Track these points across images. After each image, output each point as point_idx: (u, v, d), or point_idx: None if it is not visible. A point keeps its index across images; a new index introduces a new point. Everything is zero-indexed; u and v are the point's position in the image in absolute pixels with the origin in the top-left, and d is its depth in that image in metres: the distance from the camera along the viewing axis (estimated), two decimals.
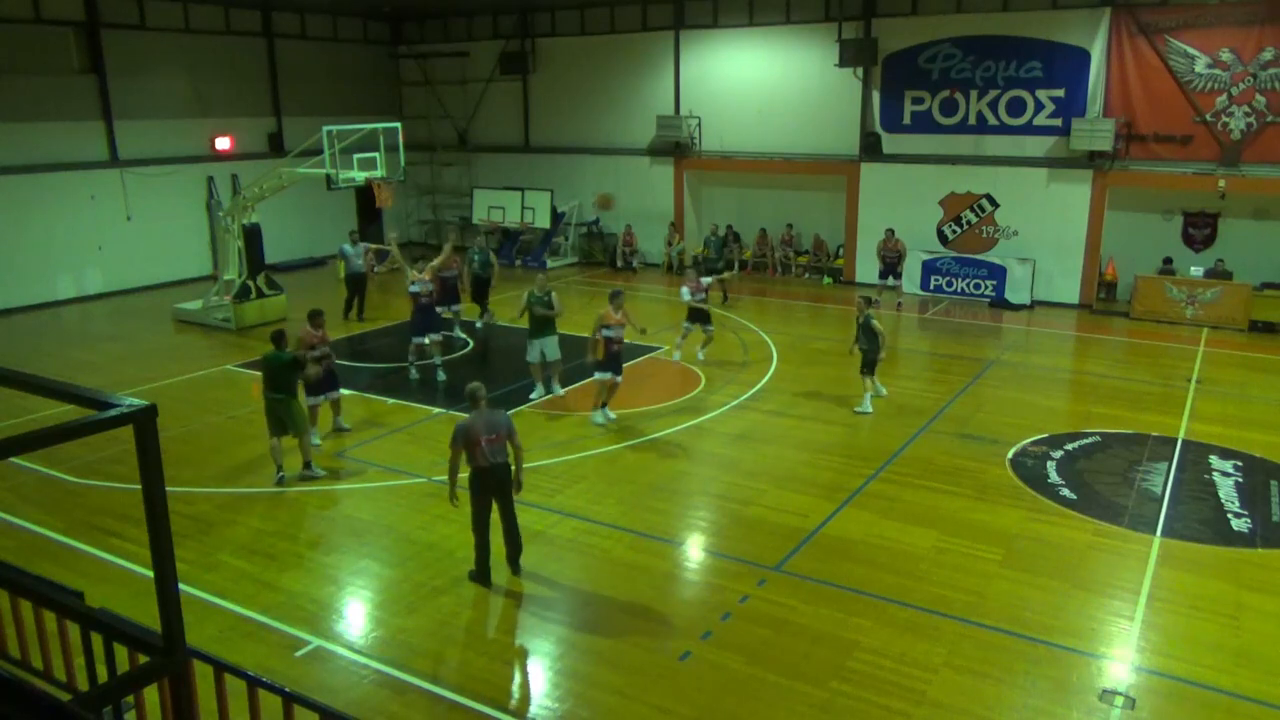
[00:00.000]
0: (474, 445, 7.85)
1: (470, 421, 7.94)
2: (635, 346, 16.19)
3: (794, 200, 23.09)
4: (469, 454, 7.91)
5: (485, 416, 7.97)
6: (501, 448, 7.95)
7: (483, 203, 25.69)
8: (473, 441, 7.84)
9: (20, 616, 5.08)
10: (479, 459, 7.88)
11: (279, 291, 18.46)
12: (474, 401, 8.06)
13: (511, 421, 8.10)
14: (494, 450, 7.89)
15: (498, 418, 8.03)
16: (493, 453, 7.88)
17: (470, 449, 7.87)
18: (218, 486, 10.43)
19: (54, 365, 14.94)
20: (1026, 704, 6.59)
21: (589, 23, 24.42)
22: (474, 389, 8.11)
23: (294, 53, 24.57)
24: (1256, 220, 18.45)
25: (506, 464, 8.02)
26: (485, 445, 7.84)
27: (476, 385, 8.15)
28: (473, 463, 7.91)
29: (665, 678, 6.90)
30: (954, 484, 10.37)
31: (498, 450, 7.92)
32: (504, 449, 7.97)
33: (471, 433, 7.85)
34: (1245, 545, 9.00)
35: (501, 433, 7.93)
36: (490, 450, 7.87)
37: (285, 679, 5.74)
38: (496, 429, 7.92)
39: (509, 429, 8.00)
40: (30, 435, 3.04)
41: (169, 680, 3.84)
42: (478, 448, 7.84)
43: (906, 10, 20.31)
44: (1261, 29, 17.18)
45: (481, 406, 8.02)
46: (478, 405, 8.02)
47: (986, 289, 20.20)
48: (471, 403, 8.08)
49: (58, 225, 20.01)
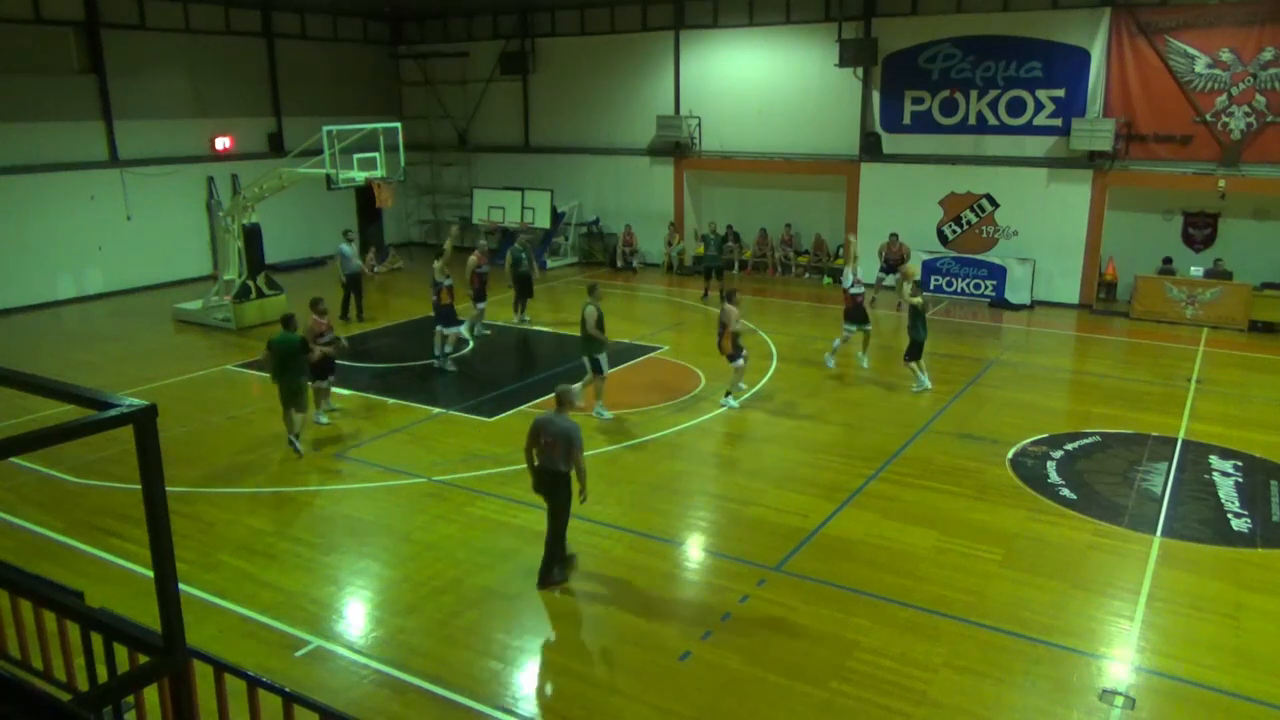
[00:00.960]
0: (533, 442, 7.95)
1: (542, 419, 8.03)
2: (635, 346, 16.21)
3: (794, 200, 23.09)
4: (538, 451, 7.97)
5: (550, 417, 8.00)
6: (558, 455, 7.87)
7: (483, 203, 25.68)
8: (534, 438, 7.94)
9: (20, 616, 5.08)
10: (536, 458, 7.97)
11: (279, 291, 18.46)
12: (557, 402, 8.11)
13: (576, 434, 7.86)
14: (549, 454, 7.89)
15: (561, 425, 7.90)
16: (549, 457, 7.89)
17: (531, 444, 7.97)
18: (218, 486, 10.43)
19: (54, 365, 14.94)
20: (1026, 704, 6.59)
21: (589, 23, 24.43)
22: (562, 390, 8.16)
23: (294, 53, 24.57)
24: (1256, 220, 18.45)
25: (559, 472, 7.94)
26: (543, 444, 7.90)
27: (565, 388, 8.22)
28: (538, 460, 7.99)
29: (665, 678, 6.90)
30: (954, 484, 10.37)
31: (554, 456, 7.88)
32: (560, 457, 7.87)
33: (535, 428, 7.94)
34: (1245, 545, 9.00)
35: (559, 441, 7.83)
36: (548, 453, 7.89)
37: (285, 679, 5.74)
38: (551, 432, 7.88)
39: (568, 440, 7.83)
40: (30, 435, 3.04)
41: (169, 680, 3.84)
42: (537, 445, 7.94)
43: (906, 10, 20.31)
44: (1261, 29, 17.18)
45: (562, 410, 8.03)
46: (559, 408, 8.06)
47: (986, 289, 20.20)
48: (556, 404, 8.11)
49: (58, 225, 20.01)
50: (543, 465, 7.93)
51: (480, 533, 9.26)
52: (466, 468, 10.89)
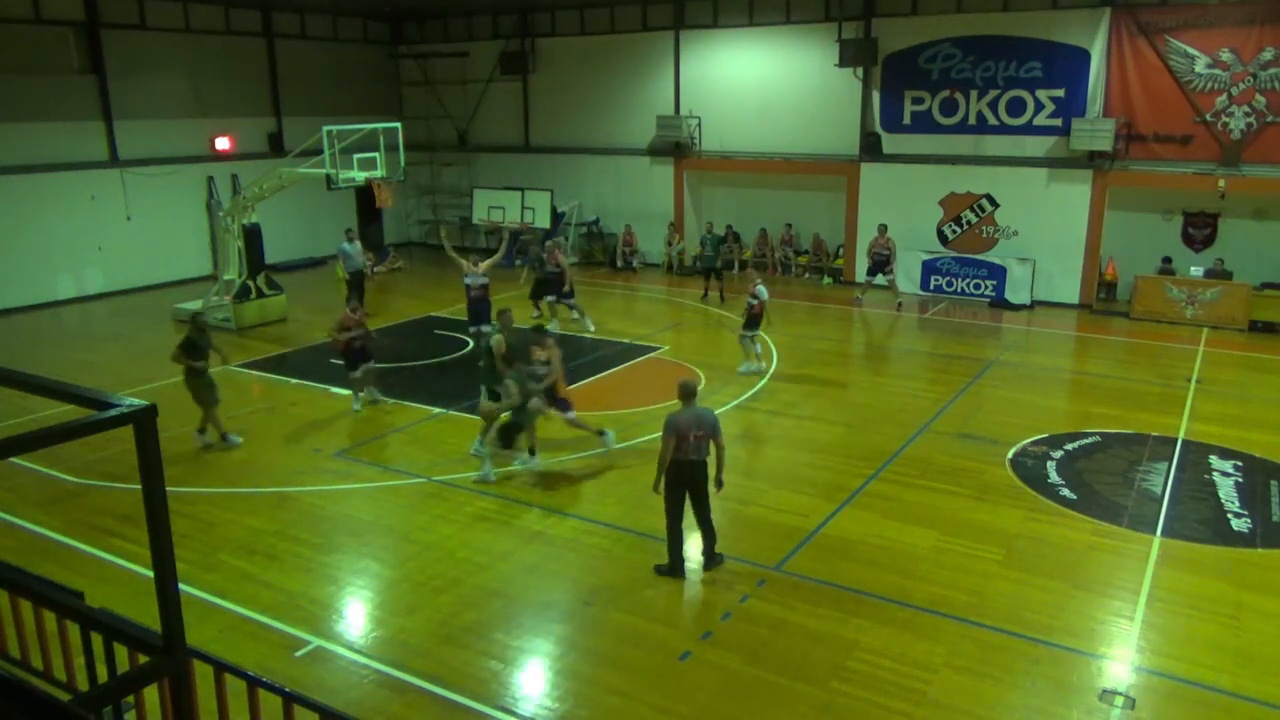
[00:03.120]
0: (683, 440, 7.95)
1: (680, 415, 8.04)
2: (635, 346, 16.21)
3: (794, 200, 23.09)
4: (676, 447, 7.99)
5: (694, 412, 8.07)
6: (705, 445, 8.07)
7: (483, 203, 25.65)
8: (682, 436, 7.94)
9: (20, 616, 5.08)
10: (684, 453, 7.99)
11: (279, 291, 18.47)
12: (686, 397, 8.15)
13: (718, 421, 8.23)
14: (699, 446, 8.02)
15: (706, 415, 8.14)
16: (697, 449, 8.02)
17: (679, 443, 7.97)
18: (218, 486, 10.43)
19: (54, 365, 14.94)
20: (1026, 704, 6.59)
21: (589, 23, 24.42)
22: (687, 384, 8.25)
23: (294, 53, 24.57)
24: (1256, 220, 18.45)
25: (706, 462, 8.13)
26: (693, 440, 7.97)
27: (689, 380, 8.34)
28: (677, 455, 8.00)
29: (665, 678, 6.90)
30: (954, 484, 10.37)
31: (702, 447, 8.05)
32: (707, 446, 8.09)
33: (681, 427, 7.95)
34: (1245, 545, 9.00)
35: (707, 430, 8.04)
36: (696, 446, 8.00)
37: (285, 679, 5.73)
38: (703, 425, 8.03)
39: (714, 427, 8.12)
40: (30, 435, 3.04)
41: (169, 680, 3.84)
42: (686, 442, 7.96)
43: (906, 10, 20.31)
44: (1261, 29, 17.18)
45: (692, 403, 8.12)
46: (689, 401, 8.12)
47: (986, 289, 20.20)
48: (683, 398, 8.16)
49: (58, 225, 20.01)
50: (693, 459, 8.03)
51: (480, 533, 9.26)
52: (466, 468, 10.88)
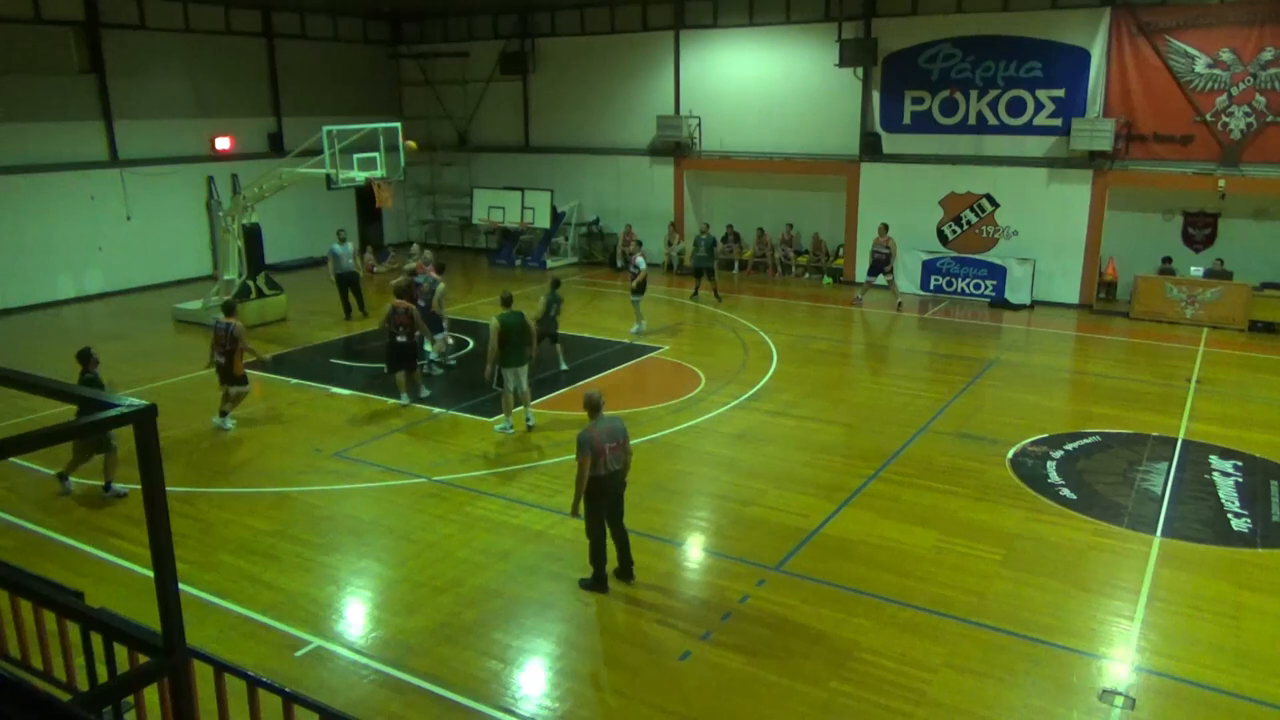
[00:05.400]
0: (599, 454, 7.76)
1: (595, 430, 7.82)
2: (635, 346, 16.22)
3: (794, 200, 23.09)
4: (596, 460, 7.80)
5: (608, 424, 7.91)
6: (621, 455, 7.95)
7: (483, 203, 25.69)
8: (599, 451, 7.75)
9: (20, 616, 5.08)
10: (602, 467, 7.82)
11: (279, 291, 18.47)
12: (595, 410, 7.97)
13: (626, 426, 8.10)
14: (616, 457, 7.88)
15: (618, 425, 7.99)
16: (614, 460, 7.87)
17: (597, 458, 7.78)
18: (218, 486, 10.43)
19: (54, 365, 14.92)
20: (1026, 704, 6.59)
21: (589, 23, 24.43)
22: (595, 397, 8.02)
23: (294, 53, 24.57)
24: (1256, 220, 18.45)
25: (621, 471, 8.02)
26: (609, 452, 7.80)
27: (597, 393, 8.08)
28: (596, 470, 7.80)
29: (665, 678, 6.90)
30: (954, 484, 10.37)
31: (618, 458, 7.91)
32: (623, 456, 7.97)
33: (597, 441, 7.75)
34: (1245, 545, 9.00)
35: (621, 440, 7.92)
36: (614, 457, 7.86)
37: (285, 679, 5.73)
38: (616, 436, 7.88)
39: (626, 434, 8.00)
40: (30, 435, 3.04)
41: (169, 680, 3.83)
42: (603, 456, 7.78)
43: (906, 10, 20.31)
44: (1261, 29, 17.18)
45: (601, 415, 7.96)
46: (598, 413, 7.95)
47: (986, 289, 20.20)
48: (592, 411, 7.97)
49: (58, 225, 20.01)
50: (611, 471, 7.88)
51: (480, 533, 9.26)
52: (466, 468, 10.89)
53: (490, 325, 11.67)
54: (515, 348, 11.74)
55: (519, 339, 11.76)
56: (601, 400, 8.04)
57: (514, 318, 11.76)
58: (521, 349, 11.83)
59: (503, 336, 11.57)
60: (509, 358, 11.72)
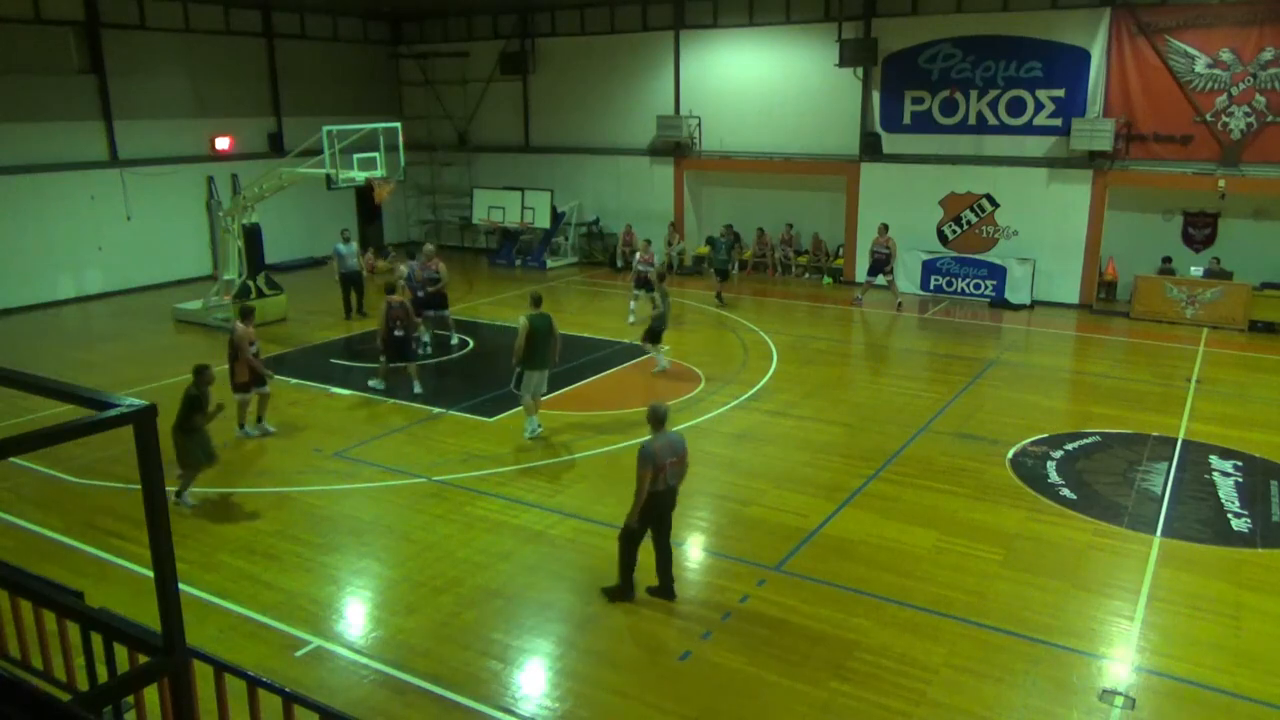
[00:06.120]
0: (659, 469, 7.52)
1: (656, 444, 7.58)
2: (635, 346, 16.20)
3: (794, 200, 23.08)
4: (656, 475, 7.54)
5: (668, 439, 7.69)
6: (680, 471, 7.74)
7: (483, 203, 25.69)
8: (659, 465, 7.51)
9: (20, 616, 5.08)
10: (659, 482, 7.58)
11: (279, 291, 18.47)
12: (658, 422, 7.70)
13: (686, 442, 7.89)
14: (673, 473, 7.67)
15: (678, 440, 7.77)
16: (672, 475, 7.66)
17: (656, 473, 7.53)
18: (218, 486, 10.43)
19: (54, 365, 14.94)
20: (1026, 704, 6.59)
21: (589, 23, 24.42)
22: (659, 410, 7.75)
23: (294, 53, 24.56)
24: (1256, 220, 18.45)
25: (676, 488, 7.81)
26: (668, 468, 7.59)
27: (663, 406, 7.81)
28: (652, 485, 7.56)
29: (665, 678, 6.90)
30: (954, 484, 10.37)
31: (676, 473, 7.70)
32: (681, 472, 7.77)
33: (659, 456, 7.51)
34: (1245, 545, 9.00)
35: (681, 454, 7.70)
36: (672, 473, 7.64)
37: (285, 679, 5.73)
38: (677, 451, 7.66)
39: (685, 450, 7.79)
40: (30, 435, 3.04)
41: (169, 680, 3.84)
42: (662, 471, 7.55)
43: (906, 10, 20.31)
44: (1261, 29, 17.18)
45: (664, 429, 7.72)
46: (661, 427, 7.70)
47: (986, 289, 20.20)
48: (655, 424, 7.70)
49: (58, 225, 20.01)
50: (669, 487, 7.69)
51: (480, 533, 9.26)
52: (466, 468, 10.89)
53: (518, 325, 11.45)
54: (541, 350, 11.49)
55: (545, 341, 11.51)
56: (666, 413, 7.79)
57: (543, 320, 11.48)
58: (546, 352, 11.56)
59: (529, 337, 11.35)
60: (533, 359, 11.47)
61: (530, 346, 11.39)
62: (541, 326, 11.45)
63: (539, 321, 11.44)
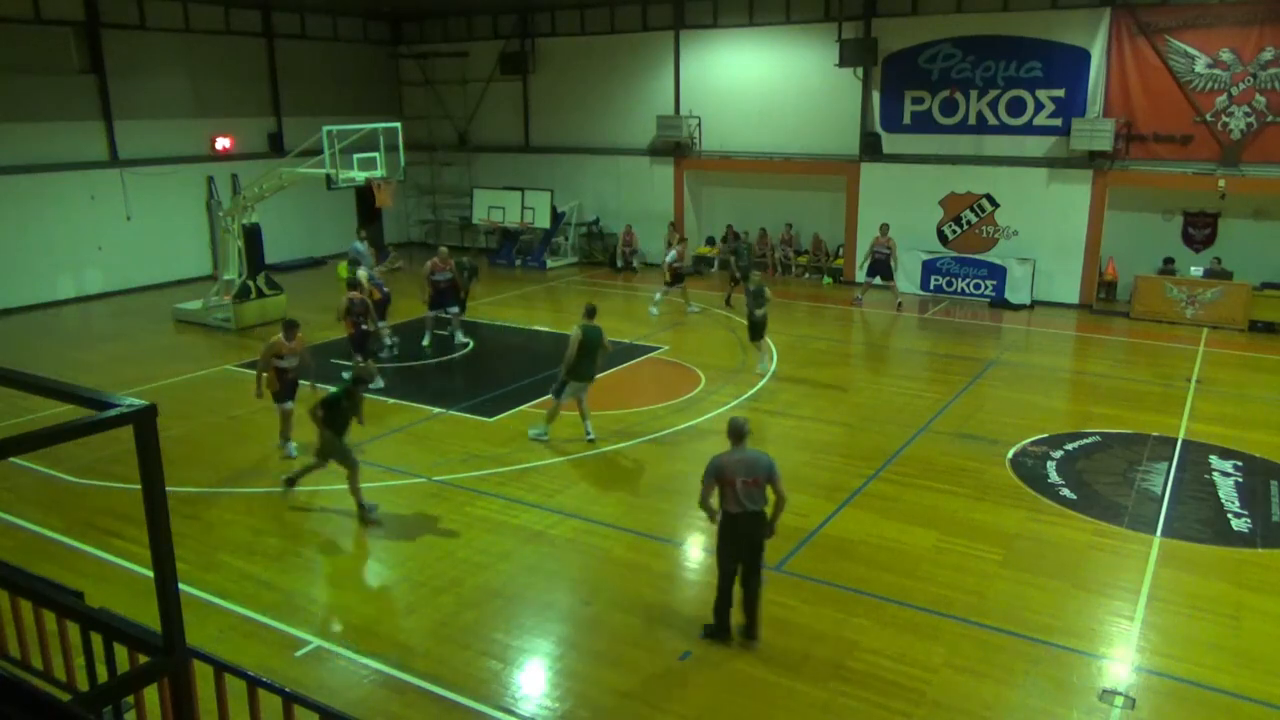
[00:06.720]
0: (727, 485, 6.97)
1: (728, 459, 7.04)
2: (635, 346, 16.21)
3: (794, 200, 23.08)
4: (721, 495, 7.07)
5: (744, 455, 7.05)
6: (759, 493, 7.02)
7: (483, 203, 25.69)
8: (726, 481, 6.97)
9: (20, 616, 5.08)
10: (730, 503, 7.03)
11: (279, 291, 18.47)
12: (734, 437, 7.14)
13: (774, 465, 7.08)
14: (750, 494, 6.99)
15: (759, 459, 7.06)
16: (749, 497, 6.99)
17: (724, 489, 7.02)
18: (218, 486, 10.43)
19: (54, 365, 14.94)
20: (1026, 704, 6.59)
21: (589, 23, 24.42)
22: (737, 424, 7.17)
23: (294, 53, 24.57)
24: (1256, 220, 18.45)
25: (761, 513, 7.06)
26: (740, 487, 6.96)
27: (742, 421, 7.22)
28: (724, 506, 7.07)
29: (665, 678, 6.90)
30: (954, 484, 10.37)
31: (755, 495, 7.01)
32: (762, 495, 7.03)
33: (725, 470, 6.97)
34: (1245, 545, 9.00)
35: (760, 476, 6.97)
36: (747, 494, 6.98)
37: (285, 679, 5.73)
38: (755, 471, 6.97)
39: (770, 471, 7.02)
40: (30, 435, 3.04)
41: (169, 680, 3.84)
42: (732, 489, 6.96)
43: (906, 10, 20.31)
44: (1261, 29, 17.18)
45: (742, 445, 7.11)
46: (738, 442, 7.12)
47: (986, 289, 20.19)
48: (732, 438, 7.15)
49: (58, 225, 20.01)
50: (745, 510, 6.98)
51: (480, 533, 9.26)
52: (466, 468, 10.89)
53: (571, 335, 11.31)
54: (589, 361, 11.34)
55: (594, 353, 11.35)
56: (745, 429, 7.16)
57: (596, 331, 11.35)
58: (594, 363, 11.42)
59: (581, 348, 11.19)
60: (579, 370, 11.33)
61: (578, 357, 11.24)
62: (594, 337, 11.31)
63: (592, 333, 11.31)
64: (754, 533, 7.10)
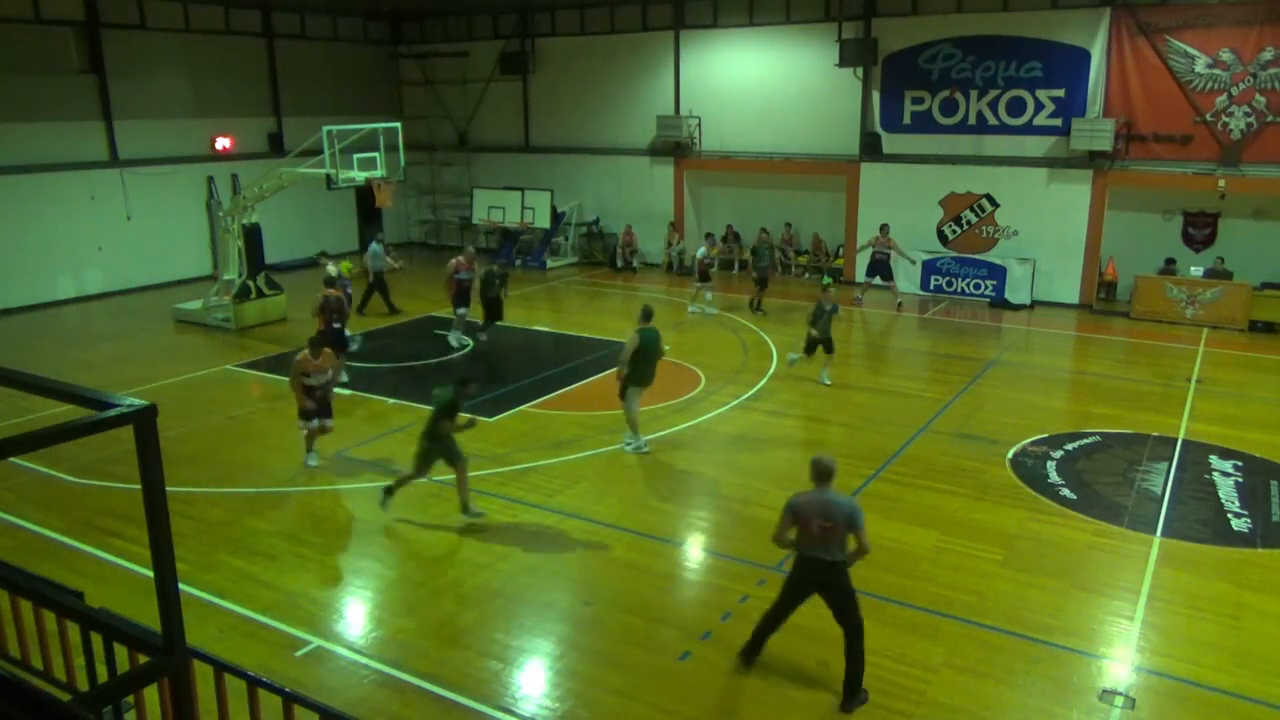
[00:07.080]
0: (804, 527, 6.47)
1: (805, 499, 6.50)
2: None
3: (794, 200, 23.09)
4: (799, 535, 6.53)
5: (823, 497, 6.47)
6: (837, 542, 6.41)
7: (483, 203, 25.70)
8: (803, 523, 6.46)
9: (20, 616, 5.08)
10: (805, 545, 6.51)
11: (279, 291, 18.47)
12: (817, 477, 6.55)
13: (858, 511, 6.44)
14: (827, 542, 6.39)
15: (840, 503, 6.47)
16: (825, 545, 6.40)
17: (801, 530, 6.51)
18: (218, 486, 10.43)
19: (54, 365, 14.94)
20: (1026, 704, 6.59)
21: (589, 23, 24.43)
22: (820, 463, 6.55)
23: (294, 53, 24.57)
24: (1256, 220, 18.45)
25: (835, 565, 6.46)
26: (817, 531, 6.39)
27: (828, 461, 6.55)
28: (799, 545, 6.56)
29: (665, 678, 6.90)
30: (954, 484, 10.37)
31: (832, 544, 6.39)
32: (840, 544, 6.42)
33: (802, 511, 6.45)
34: (1245, 545, 9.00)
35: (840, 523, 6.36)
36: (823, 540, 6.39)
37: (285, 679, 5.73)
38: (833, 516, 6.37)
39: (851, 518, 6.37)
40: (30, 435, 3.04)
41: (169, 680, 3.84)
42: (808, 532, 6.45)
43: (906, 10, 20.31)
44: (1261, 29, 17.18)
45: (825, 486, 6.51)
46: (821, 484, 6.53)
47: (986, 289, 20.20)
48: (815, 478, 6.56)
49: (58, 225, 20.01)
50: (817, 558, 6.45)
51: (480, 533, 9.26)
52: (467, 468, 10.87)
53: (627, 340, 11.01)
54: (646, 365, 11.01)
55: (651, 357, 11.04)
56: (831, 468, 6.53)
57: (653, 334, 11.04)
58: (652, 367, 11.09)
59: (637, 352, 10.87)
60: (638, 375, 11.01)
61: (635, 361, 10.93)
62: (651, 341, 11.01)
63: (649, 336, 11.01)
64: (826, 584, 6.51)
